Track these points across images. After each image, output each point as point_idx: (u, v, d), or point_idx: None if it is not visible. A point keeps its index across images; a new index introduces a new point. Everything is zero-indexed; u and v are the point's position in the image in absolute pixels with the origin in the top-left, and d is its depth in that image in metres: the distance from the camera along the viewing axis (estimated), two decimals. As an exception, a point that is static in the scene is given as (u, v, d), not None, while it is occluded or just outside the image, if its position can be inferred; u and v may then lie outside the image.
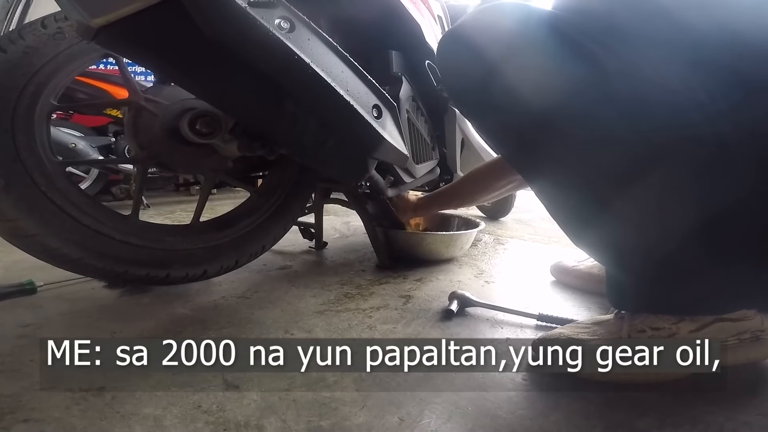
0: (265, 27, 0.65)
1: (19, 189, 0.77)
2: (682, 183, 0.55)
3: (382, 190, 1.17)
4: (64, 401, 0.58)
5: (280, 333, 0.81)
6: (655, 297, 0.67)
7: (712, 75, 0.49)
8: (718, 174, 0.53)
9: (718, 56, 0.49)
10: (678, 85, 0.51)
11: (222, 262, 1.01)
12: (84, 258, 0.82)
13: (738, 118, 0.50)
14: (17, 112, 0.80)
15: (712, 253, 0.58)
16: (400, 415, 0.58)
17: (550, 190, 0.69)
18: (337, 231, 1.88)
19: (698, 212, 0.56)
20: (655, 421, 0.57)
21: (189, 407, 0.58)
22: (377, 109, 0.85)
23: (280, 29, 0.68)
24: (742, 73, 0.49)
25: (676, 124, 0.52)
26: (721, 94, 0.49)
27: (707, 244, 0.57)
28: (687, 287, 0.65)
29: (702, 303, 0.66)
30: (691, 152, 0.53)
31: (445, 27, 1.54)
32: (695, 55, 0.49)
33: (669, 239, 0.59)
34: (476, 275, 1.25)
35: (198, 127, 0.89)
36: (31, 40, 0.82)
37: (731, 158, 0.52)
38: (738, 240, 0.57)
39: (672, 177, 0.55)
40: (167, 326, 0.83)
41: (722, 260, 0.59)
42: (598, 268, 1.10)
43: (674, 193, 0.56)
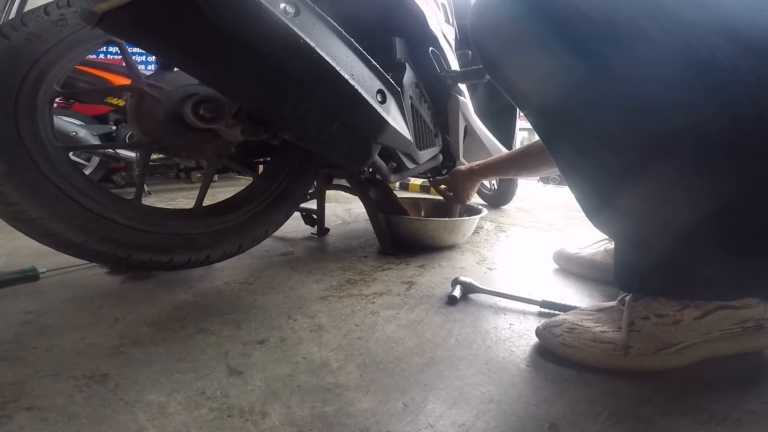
0: (271, 11, 0.65)
1: (21, 173, 0.77)
2: (686, 175, 0.55)
3: (385, 175, 1.16)
4: (68, 388, 0.58)
5: (283, 319, 0.81)
6: (664, 280, 0.67)
7: (712, 73, 0.49)
8: (719, 168, 0.53)
9: (717, 55, 0.48)
10: (677, 83, 0.51)
11: (225, 247, 1.01)
12: (87, 242, 0.82)
13: (739, 115, 0.50)
14: (20, 97, 0.80)
15: (726, 239, 0.58)
16: (404, 401, 0.57)
17: (575, 162, 0.68)
18: (339, 217, 1.88)
19: (700, 205, 0.56)
20: (660, 409, 0.57)
21: (193, 393, 0.58)
22: (381, 94, 0.84)
23: (285, 13, 0.68)
24: (742, 71, 0.48)
25: (676, 123, 0.52)
26: (721, 92, 0.49)
27: (721, 229, 0.57)
28: (698, 272, 0.64)
29: (710, 288, 0.65)
30: (693, 147, 0.53)
31: (448, 14, 1.52)
32: (694, 54, 0.49)
33: (681, 223, 0.58)
34: (478, 262, 1.24)
35: (201, 112, 0.89)
36: (33, 26, 0.82)
37: (732, 153, 0.52)
38: (749, 227, 0.57)
39: (673, 170, 0.55)
40: (170, 312, 0.83)
41: (736, 247, 0.58)
42: (601, 256, 1.10)
43: (679, 185, 0.56)
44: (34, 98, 0.82)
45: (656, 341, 0.65)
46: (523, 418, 0.55)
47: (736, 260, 0.59)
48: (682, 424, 0.55)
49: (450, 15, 1.54)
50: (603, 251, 1.11)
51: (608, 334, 0.67)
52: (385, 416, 0.54)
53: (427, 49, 1.28)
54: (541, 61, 0.60)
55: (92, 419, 0.52)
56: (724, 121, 0.50)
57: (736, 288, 0.65)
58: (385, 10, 1.11)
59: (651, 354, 0.65)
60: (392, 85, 0.88)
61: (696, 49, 0.49)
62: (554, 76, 0.59)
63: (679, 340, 0.65)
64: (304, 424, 0.52)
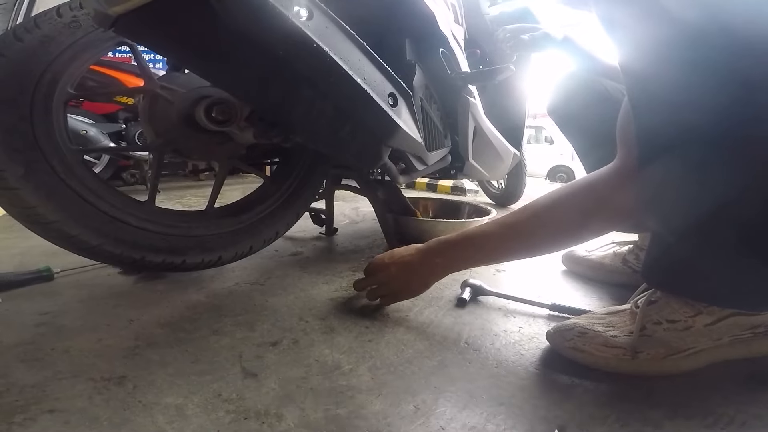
0: (285, 15, 0.65)
1: (37, 176, 0.78)
2: (684, 178, 0.56)
3: (394, 177, 1.17)
4: (87, 391, 0.59)
5: (294, 320, 0.82)
6: (691, 280, 0.65)
7: (711, 73, 0.49)
8: (717, 172, 0.53)
9: (717, 55, 0.48)
10: (677, 84, 0.51)
11: (237, 248, 1.02)
12: (102, 245, 0.83)
13: (739, 115, 0.50)
14: (35, 100, 0.80)
15: (736, 241, 0.58)
16: (416, 404, 0.58)
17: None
18: (347, 217, 1.88)
19: (699, 208, 0.56)
20: (667, 412, 0.58)
21: (210, 396, 0.59)
22: (393, 98, 0.85)
23: (298, 17, 0.68)
24: (742, 72, 0.48)
25: (675, 123, 0.53)
26: (721, 92, 0.49)
27: (728, 232, 0.57)
28: (722, 278, 0.63)
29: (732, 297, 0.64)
30: (691, 150, 0.53)
31: (458, 15, 1.52)
32: (694, 54, 0.49)
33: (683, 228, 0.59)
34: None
35: (214, 114, 0.90)
36: (47, 29, 0.83)
37: (727, 157, 0.52)
38: (754, 230, 0.57)
39: (671, 173, 0.56)
40: (183, 313, 0.84)
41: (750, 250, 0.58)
42: (610, 258, 1.10)
43: (677, 189, 0.57)
44: (50, 101, 0.83)
45: (666, 346, 0.65)
46: (532, 420, 0.56)
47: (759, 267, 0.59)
48: (688, 427, 0.56)
49: (459, 15, 1.53)
50: (612, 254, 1.11)
51: (619, 339, 0.67)
52: (397, 419, 0.55)
53: (437, 51, 1.27)
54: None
55: (113, 422, 0.53)
56: (725, 121, 0.50)
57: (759, 300, 0.64)
58: (396, 12, 1.11)
59: (661, 359, 0.65)
60: (403, 88, 0.88)
61: (696, 49, 0.49)
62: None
63: (689, 345, 0.65)
64: (318, 426, 0.53)
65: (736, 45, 0.48)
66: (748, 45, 0.48)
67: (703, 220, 0.57)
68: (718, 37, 0.48)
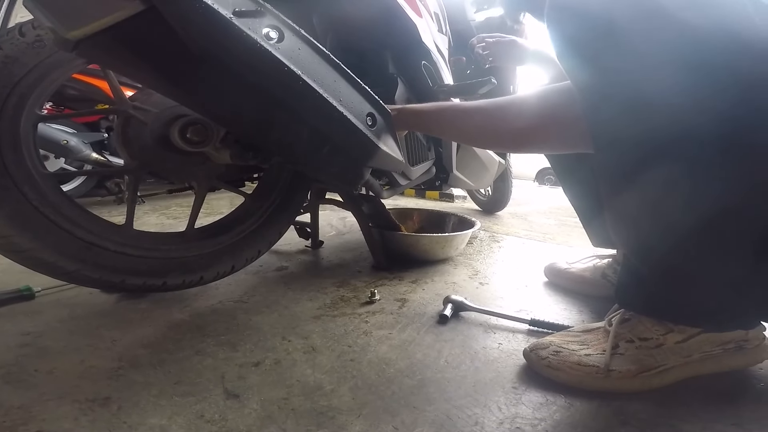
0: (252, 38, 0.61)
1: (9, 204, 0.76)
2: (679, 182, 0.56)
3: (378, 192, 1.18)
4: (72, 412, 0.59)
5: (277, 340, 0.83)
6: (665, 302, 0.68)
7: (711, 74, 0.50)
8: (714, 175, 0.53)
9: (716, 55, 0.49)
10: (677, 85, 0.51)
11: (218, 268, 1.02)
12: (80, 270, 0.82)
13: (738, 116, 0.50)
14: (1, 125, 0.77)
15: (716, 261, 0.59)
16: (395, 424, 0.59)
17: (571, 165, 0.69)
18: (333, 227, 1.89)
19: (698, 214, 0.56)
20: (635, 430, 0.60)
21: (192, 417, 0.59)
22: (371, 118, 0.84)
23: (268, 39, 0.64)
24: (741, 72, 0.49)
25: (674, 123, 0.52)
26: (720, 93, 0.50)
27: (710, 250, 0.58)
28: (696, 299, 0.65)
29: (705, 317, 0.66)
30: (689, 152, 0.53)
31: (442, 24, 1.53)
32: (694, 55, 0.49)
33: (667, 239, 0.60)
34: (471, 276, 1.26)
35: (189, 135, 0.88)
36: (9, 49, 0.79)
37: (728, 159, 0.52)
38: (738, 246, 0.57)
39: (670, 175, 0.55)
40: (166, 333, 0.84)
41: (726, 272, 0.59)
42: (590, 272, 1.12)
43: (672, 192, 0.57)
44: (16, 126, 0.79)
45: (638, 364, 0.67)
46: (506, 441, 0.57)
47: (733, 285, 0.60)
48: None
49: (444, 24, 1.54)
50: (592, 267, 1.13)
51: (592, 358, 0.69)
52: (376, 441, 0.56)
53: (420, 63, 1.28)
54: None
55: (98, 444, 0.53)
56: (721, 123, 0.50)
57: (734, 318, 0.66)
58: (377, 24, 1.10)
59: (632, 377, 0.67)
60: (382, 107, 0.87)
61: (695, 51, 0.49)
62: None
63: (659, 363, 0.67)
64: (297, 450, 0.54)
65: (735, 45, 0.49)
66: (747, 46, 0.48)
67: (671, 245, 0.58)
68: (717, 37, 0.49)
